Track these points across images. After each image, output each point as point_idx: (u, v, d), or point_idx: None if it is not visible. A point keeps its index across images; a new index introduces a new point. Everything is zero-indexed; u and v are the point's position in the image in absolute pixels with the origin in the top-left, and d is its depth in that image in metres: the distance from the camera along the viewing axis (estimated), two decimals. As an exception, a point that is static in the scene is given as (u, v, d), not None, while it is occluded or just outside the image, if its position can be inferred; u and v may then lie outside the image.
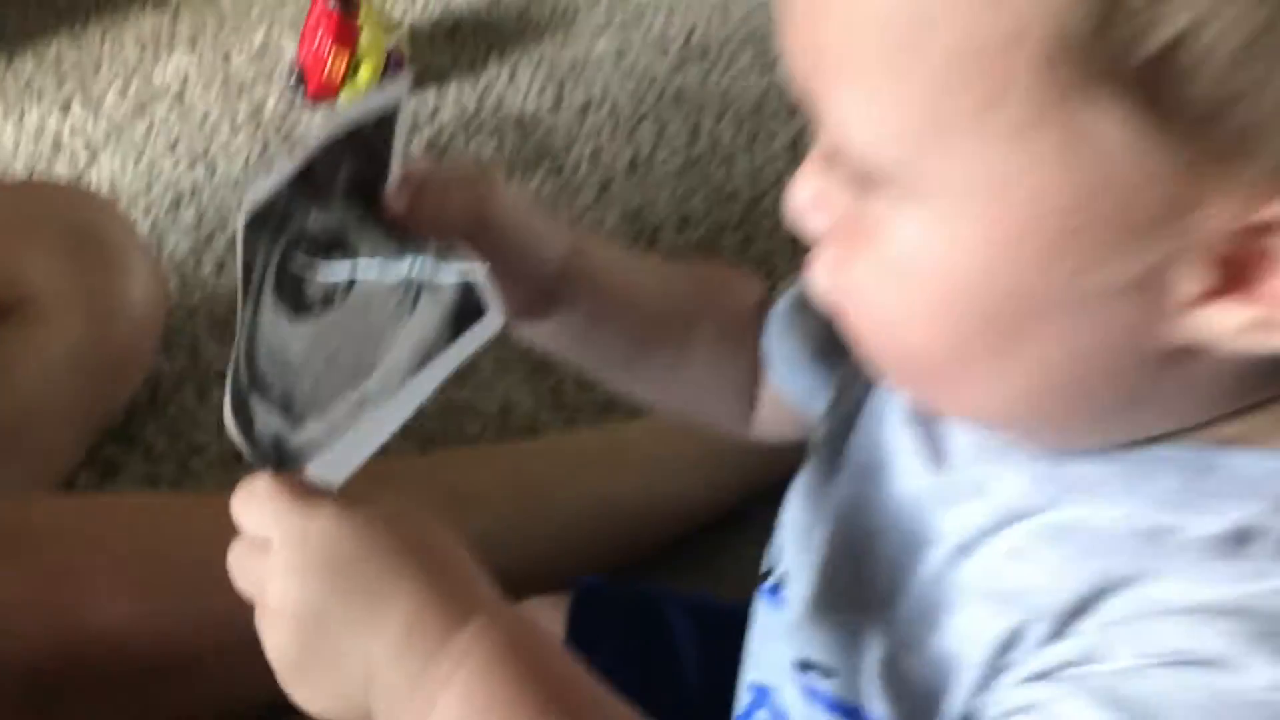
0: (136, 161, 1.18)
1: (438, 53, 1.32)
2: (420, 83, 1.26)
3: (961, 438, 0.39)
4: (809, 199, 0.35)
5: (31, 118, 1.25)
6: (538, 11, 1.39)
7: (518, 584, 0.59)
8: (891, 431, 0.41)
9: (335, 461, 0.37)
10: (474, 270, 0.40)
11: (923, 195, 0.30)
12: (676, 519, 0.73)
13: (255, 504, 0.36)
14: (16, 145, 1.21)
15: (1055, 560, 0.34)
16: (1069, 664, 0.33)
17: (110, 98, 1.28)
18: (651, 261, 0.55)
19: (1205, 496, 0.33)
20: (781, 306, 0.51)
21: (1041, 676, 0.33)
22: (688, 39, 1.33)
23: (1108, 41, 0.26)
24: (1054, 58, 0.27)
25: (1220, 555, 0.32)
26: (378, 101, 0.39)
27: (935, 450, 0.39)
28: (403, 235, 0.40)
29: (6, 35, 1.41)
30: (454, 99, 1.24)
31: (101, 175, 1.17)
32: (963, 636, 0.36)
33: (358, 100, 0.38)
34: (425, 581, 0.35)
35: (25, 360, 0.77)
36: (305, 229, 0.38)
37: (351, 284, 0.39)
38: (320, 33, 1.22)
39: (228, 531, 0.37)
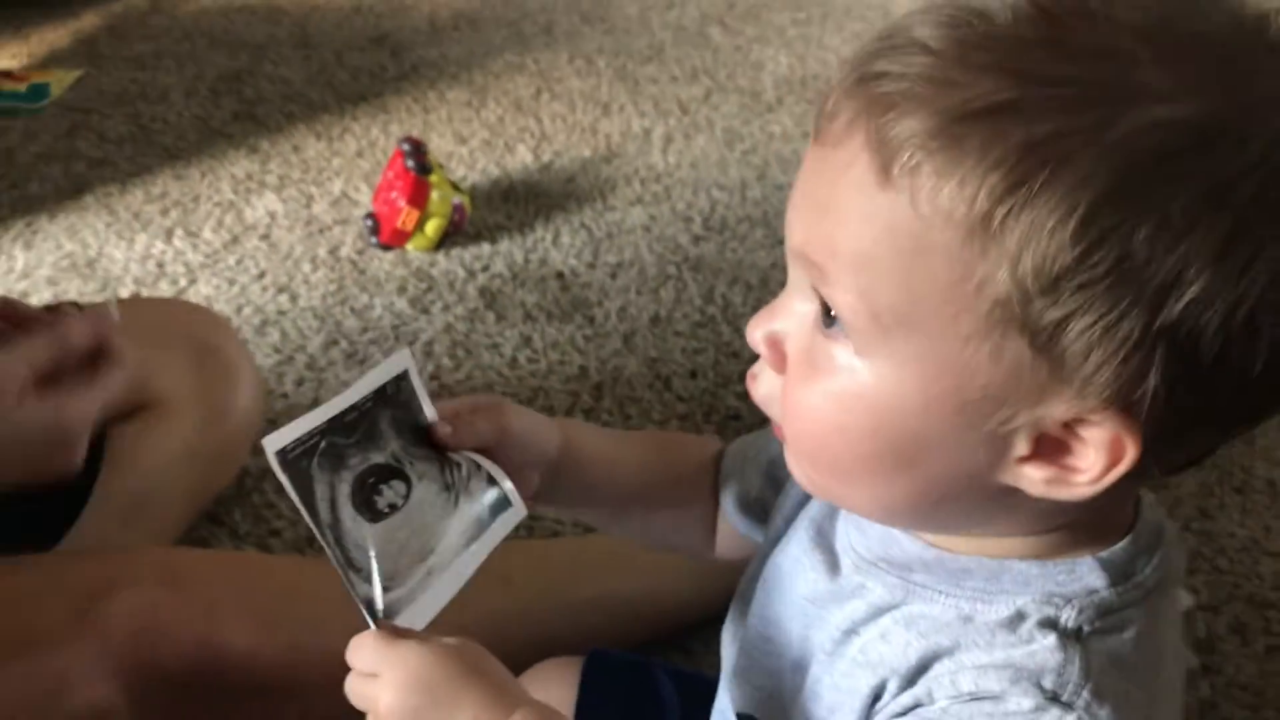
0: (229, 286, 1.36)
1: (494, 212, 1.51)
2: (477, 238, 1.45)
3: (846, 560, 0.52)
4: (771, 333, 0.47)
5: (139, 243, 1.44)
6: (582, 182, 1.60)
7: (535, 653, 0.74)
8: (800, 551, 0.55)
9: (416, 614, 0.51)
10: (499, 475, 0.54)
11: (878, 355, 0.43)
12: (670, 614, 0.88)
13: (364, 647, 0.50)
14: (126, 266, 1.40)
15: (907, 638, 0.47)
16: (912, 707, 0.47)
17: (207, 230, 1.48)
18: (623, 439, 0.68)
19: (998, 592, 0.47)
20: (728, 463, 0.64)
21: (898, 716, 0.48)
22: (708, 216, 1.52)
23: (1029, 310, 0.40)
24: (1001, 304, 0.40)
25: (1004, 630, 0.46)
26: (391, 370, 0.54)
27: (830, 567, 0.52)
28: (442, 452, 0.54)
29: (120, 171, 1.61)
30: (505, 252, 1.42)
31: (198, 296, 1.34)
32: (846, 690, 0.49)
33: (372, 372, 0.52)
34: (484, 689, 0.48)
35: (151, 450, 0.93)
36: (370, 462, 0.52)
37: (409, 494, 0.53)
38: (396, 188, 1.41)
39: (328, 586, 0.52)
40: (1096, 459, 0.42)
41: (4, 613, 0.65)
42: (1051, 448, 0.43)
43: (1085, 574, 0.46)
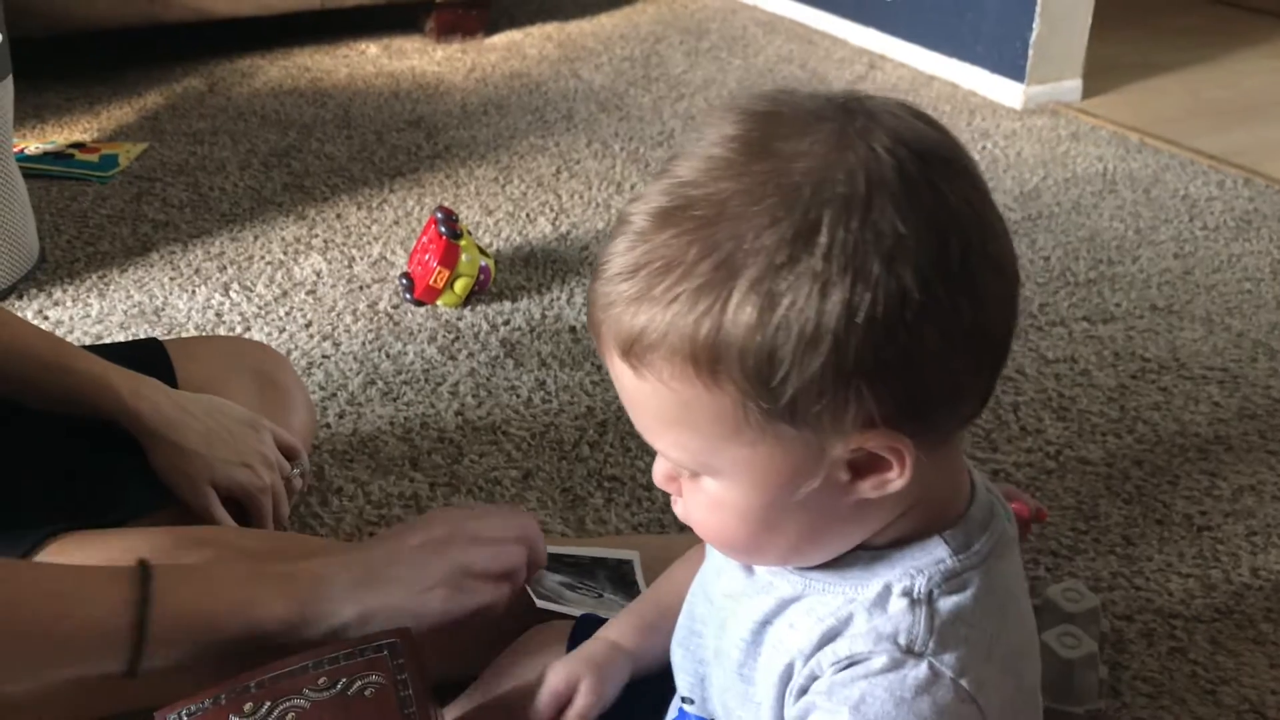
0: (279, 334, 1.53)
1: (515, 274, 1.69)
2: (500, 297, 1.63)
3: (757, 568, 0.64)
4: (664, 476, 0.60)
5: (200, 295, 1.62)
6: (596, 250, 1.77)
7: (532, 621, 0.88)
8: (722, 558, 0.66)
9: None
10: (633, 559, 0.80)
11: (717, 475, 0.56)
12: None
13: None
14: (189, 314, 1.58)
15: (808, 624, 0.59)
16: (810, 680, 0.58)
17: (260, 285, 1.66)
18: (669, 590, 0.79)
19: (871, 576, 0.58)
20: None
21: (802, 691, 0.58)
22: (708, 281, 1.69)
23: (769, 404, 0.52)
24: (760, 414, 0.52)
25: (876, 606, 0.57)
26: (617, 555, 0.84)
27: (746, 568, 0.64)
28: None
29: (181, 232, 1.80)
30: (524, 309, 1.60)
31: (252, 342, 1.52)
32: (769, 671, 0.60)
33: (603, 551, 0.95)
34: None
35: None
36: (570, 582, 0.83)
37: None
38: (429, 251, 1.59)
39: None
40: (892, 459, 0.54)
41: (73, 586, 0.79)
42: (862, 467, 0.55)
43: (934, 548, 0.58)
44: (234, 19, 2.53)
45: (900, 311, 0.51)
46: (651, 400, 0.55)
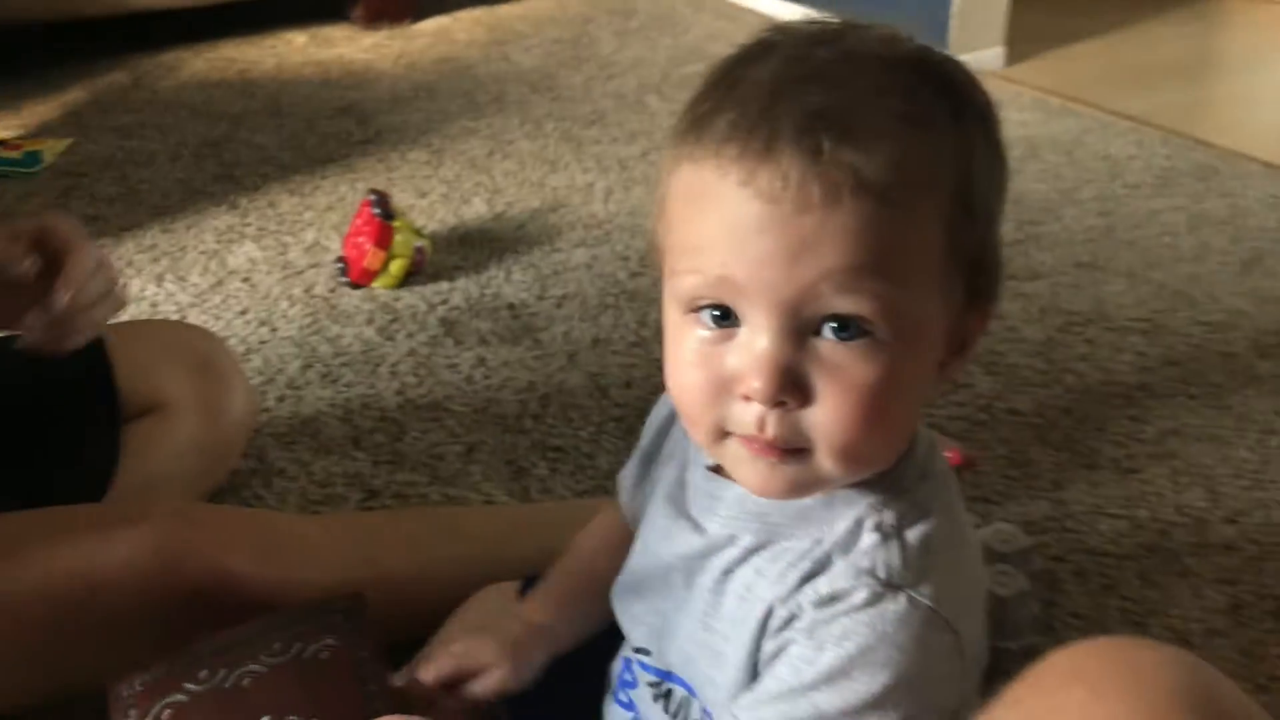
0: (215, 321, 1.52)
1: (451, 254, 1.69)
2: (437, 277, 1.63)
3: (710, 522, 0.63)
4: (782, 375, 0.52)
5: (133, 286, 1.61)
6: (531, 229, 1.78)
7: (484, 585, 0.90)
8: (666, 522, 0.66)
9: None
10: None
11: (899, 334, 0.53)
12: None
13: None
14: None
15: (779, 569, 0.59)
16: (789, 621, 0.57)
17: (195, 275, 1.65)
18: (575, 572, 0.78)
19: (834, 514, 0.58)
20: (625, 503, 0.76)
21: (777, 631, 0.58)
22: (644, 255, 1.68)
23: (967, 256, 0.55)
24: (960, 259, 0.54)
25: (847, 542, 0.57)
26: None
27: (695, 528, 0.64)
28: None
29: (112, 226, 1.78)
30: (462, 289, 1.60)
31: (188, 331, 1.51)
32: (740, 619, 0.60)
33: None
34: None
35: (159, 445, 1.09)
36: None
37: None
38: (364, 234, 1.59)
39: (311, 531, 0.73)
40: (971, 339, 0.57)
41: (51, 531, 0.82)
42: (958, 345, 0.58)
43: (894, 481, 0.59)
44: (157, 11, 2.50)
45: (1004, 166, 0.58)
46: (888, 237, 0.51)
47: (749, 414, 0.54)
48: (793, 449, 0.55)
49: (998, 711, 0.48)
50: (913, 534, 0.58)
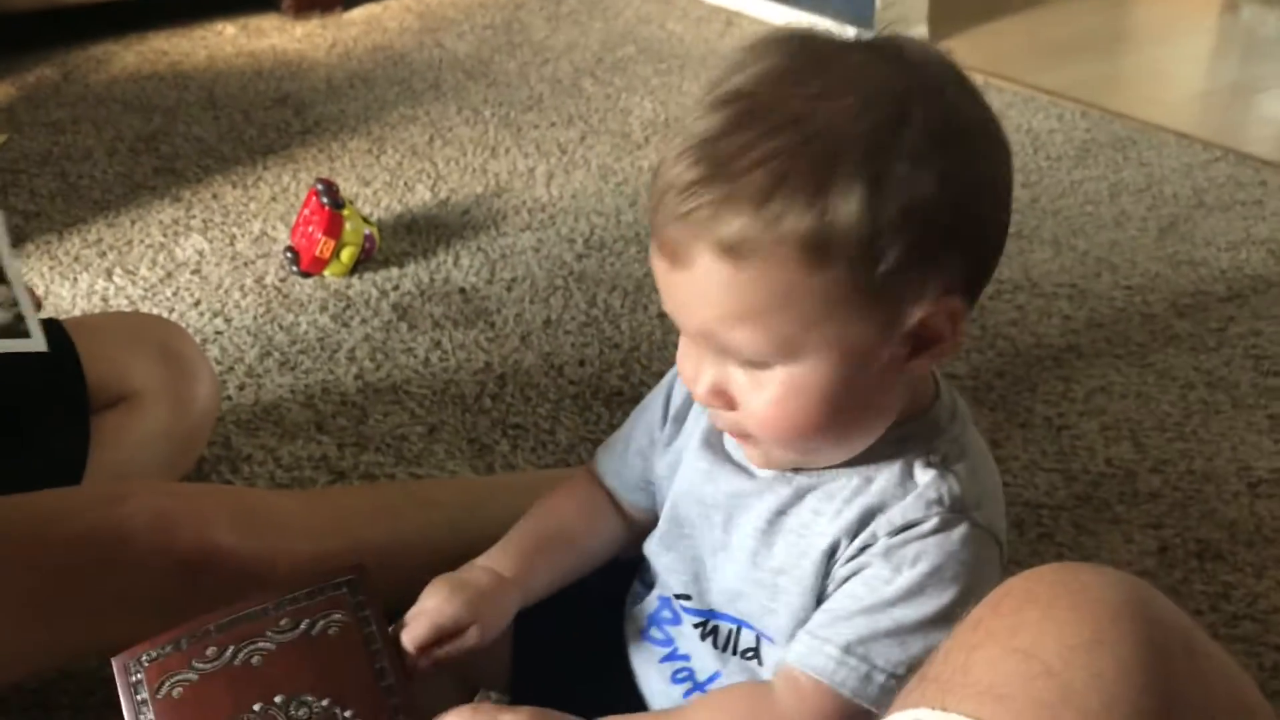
0: (168, 313, 1.53)
1: (399, 241, 1.72)
2: (386, 264, 1.66)
3: (755, 467, 0.69)
4: (711, 390, 0.63)
5: (82, 282, 1.61)
6: (476, 214, 1.81)
7: (460, 560, 0.94)
8: (708, 465, 0.72)
9: None
10: None
11: (799, 358, 0.60)
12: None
13: (487, 713, 0.67)
14: (74, 301, 1.57)
15: (835, 507, 0.66)
16: (863, 549, 0.64)
17: (143, 268, 1.65)
18: (537, 534, 0.80)
19: (881, 458, 0.65)
20: (606, 471, 0.81)
21: (853, 558, 0.65)
22: (589, 237, 1.74)
23: (871, 280, 0.57)
24: (860, 288, 0.58)
25: (904, 480, 0.65)
26: None
27: (741, 469, 0.70)
28: None
29: (55, 222, 1.78)
30: (412, 274, 1.63)
31: (141, 324, 1.52)
32: (799, 553, 0.66)
33: None
34: None
35: (128, 434, 1.11)
36: None
37: None
38: (312, 223, 1.61)
39: (289, 504, 0.76)
40: (948, 329, 0.62)
41: (48, 512, 0.84)
42: (921, 340, 0.62)
43: (933, 423, 0.67)
44: (84, 5, 2.48)
45: (973, 181, 0.60)
46: (748, 290, 0.58)
47: None
48: (745, 434, 0.66)
49: (961, 633, 0.53)
50: (960, 467, 0.66)
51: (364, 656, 0.71)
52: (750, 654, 0.72)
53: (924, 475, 0.65)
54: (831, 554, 0.67)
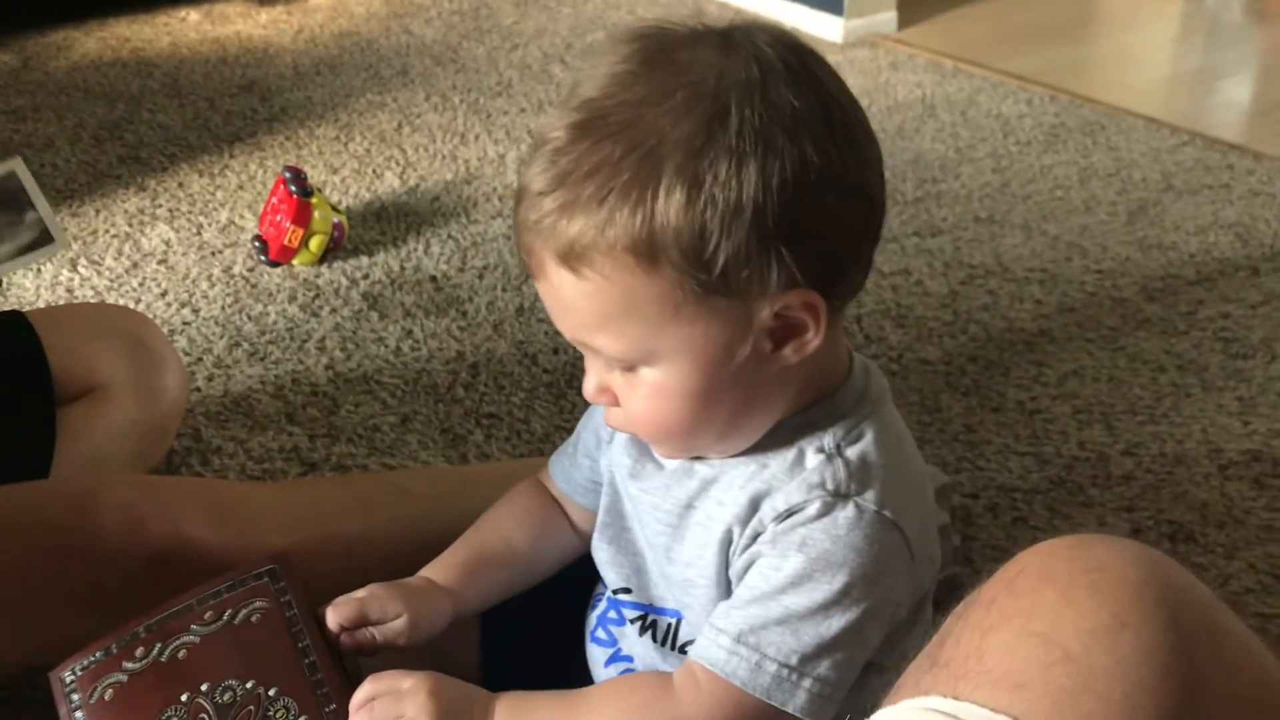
0: (135, 304, 1.52)
1: (369, 229, 1.71)
2: (356, 252, 1.64)
3: (669, 461, 0.70)
4: (595, 388, 0.66)
5: (46, 272, 1.59)
6: (446, 201, 1.80)
7: (433, 551, 0.93)
8: (630, 461, 0.72)
9: None
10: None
11: (657, 360, 0.61)
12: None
13: (385, 678, 0.67)
14: (38, 293, 1.54)
15: (734, 495, 0.66)
16: (755, 537, 0.66)
17: (109, 258, 1.63)
18: (486, 538, 0.81)
19: (778, 444, 0.66)
20: (558, 475, 0.82)
21: (747, 547, 0.67)
22: (560, 223, 1.74)
23: (707, 281, 0.58)
24: (696, 289, 0.58)
25: (795, 465, 0.65)
26: None
27: (657, 467, 0.71)
28: None
29: (17, 209, 1.75)
30: (382, 263, 1.62)
31: (107, 315, 1.50)
32: (702, 545, 0.68)
33: None
34: (467, 695, 0.67)
35: (96, 426, 1.10)
36: None
37: None
38: (280, 211, 1.59)
39: (260, 495, 0.74)
40: (808, 320, 0.62)
41: (17, 507, 0.83)
42: (782, 334, 0.62)
43: (833, 409, 0.67)
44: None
45: (805, 175, 0.58)
46: (593, 298, 0.60)
47: None
48: (633, 430, 0.68)
49: (974, 612, 0.52)
50: (853, 451, 0.65)
51: (287, 639, 0.71)
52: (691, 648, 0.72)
53: (813, 460, 0.65)
54: (728, 544, 0.67)
